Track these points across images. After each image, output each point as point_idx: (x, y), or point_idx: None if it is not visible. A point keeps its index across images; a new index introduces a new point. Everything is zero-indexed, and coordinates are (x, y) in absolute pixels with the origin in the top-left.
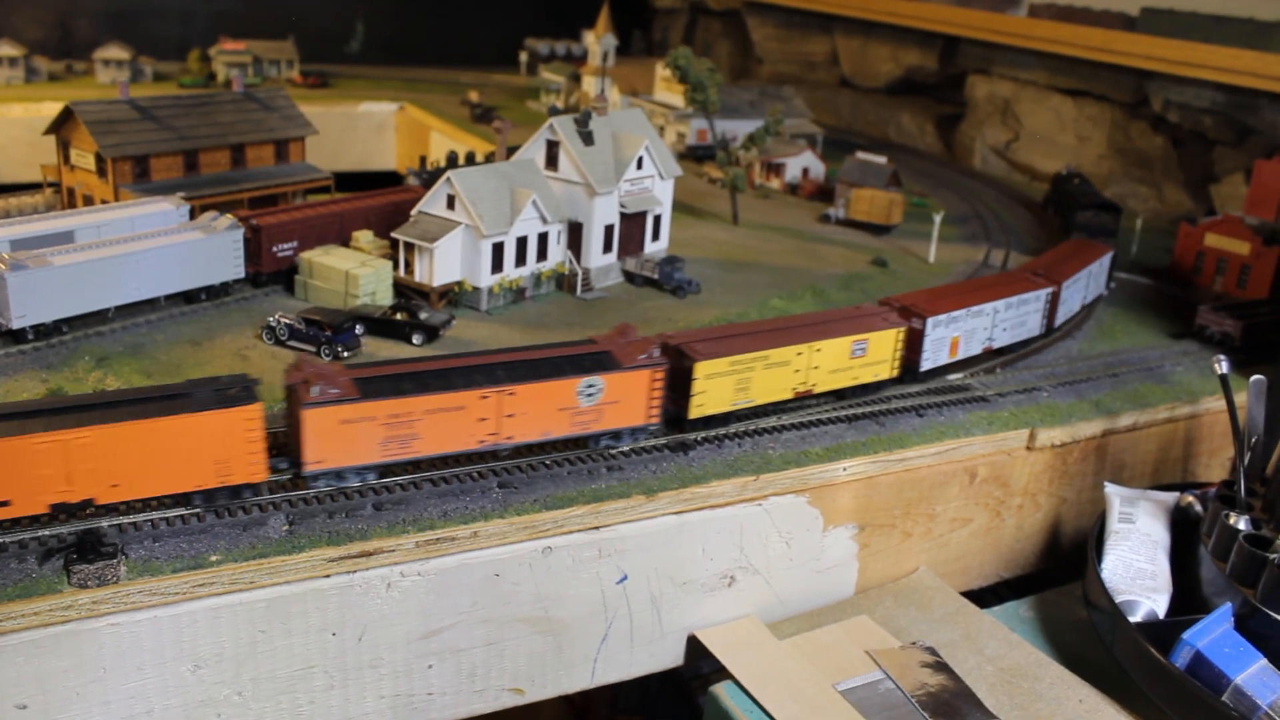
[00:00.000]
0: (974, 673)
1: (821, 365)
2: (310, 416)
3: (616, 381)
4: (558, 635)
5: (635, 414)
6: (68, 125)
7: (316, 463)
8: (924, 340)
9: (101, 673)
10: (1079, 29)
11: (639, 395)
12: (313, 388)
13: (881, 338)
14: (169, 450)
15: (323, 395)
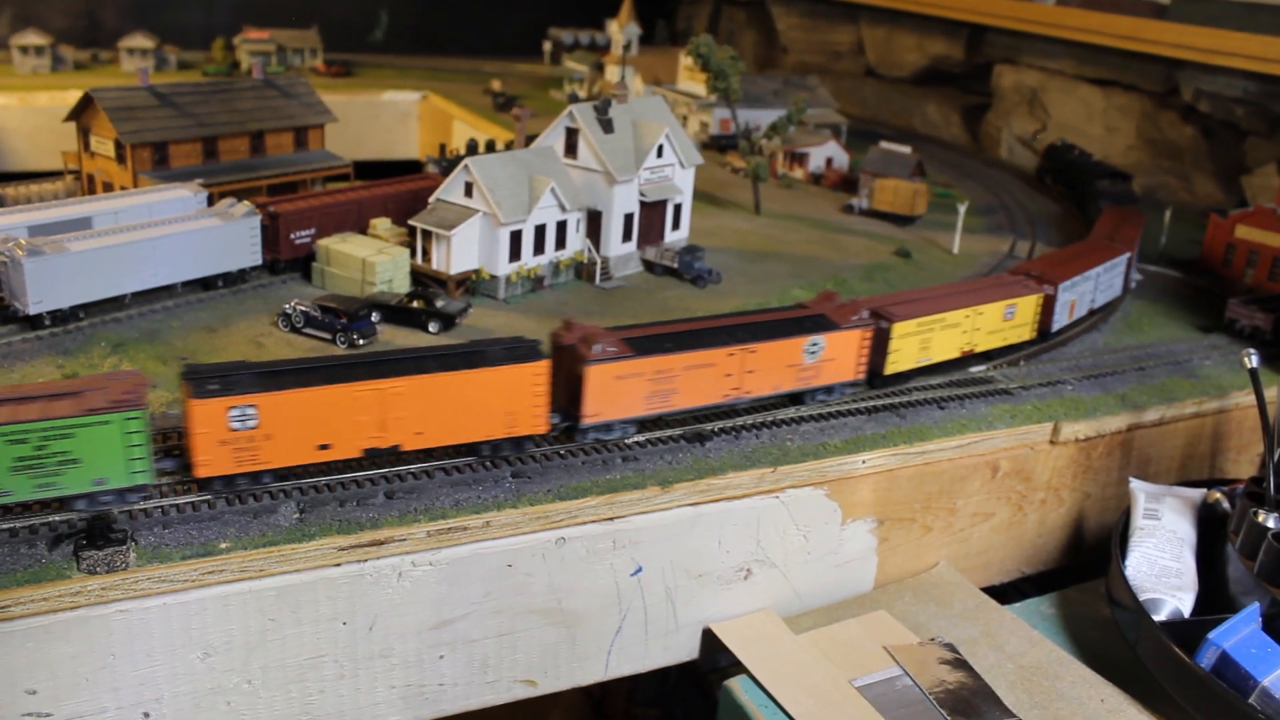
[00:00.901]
0: (993, 670)
1: (982, 328)
2: (592, 372)
3: (834, 340)
4: (571, 627)
5: (846, 370)
6: (88, 112)
7: (593, 416)
8: (1055, 304)
9: (111, 659)
10: (1108, 17)
11: (851, 353)
12: (594, 345)
13: (1026, 302)
14: (467, 401)
15: (603, 353)
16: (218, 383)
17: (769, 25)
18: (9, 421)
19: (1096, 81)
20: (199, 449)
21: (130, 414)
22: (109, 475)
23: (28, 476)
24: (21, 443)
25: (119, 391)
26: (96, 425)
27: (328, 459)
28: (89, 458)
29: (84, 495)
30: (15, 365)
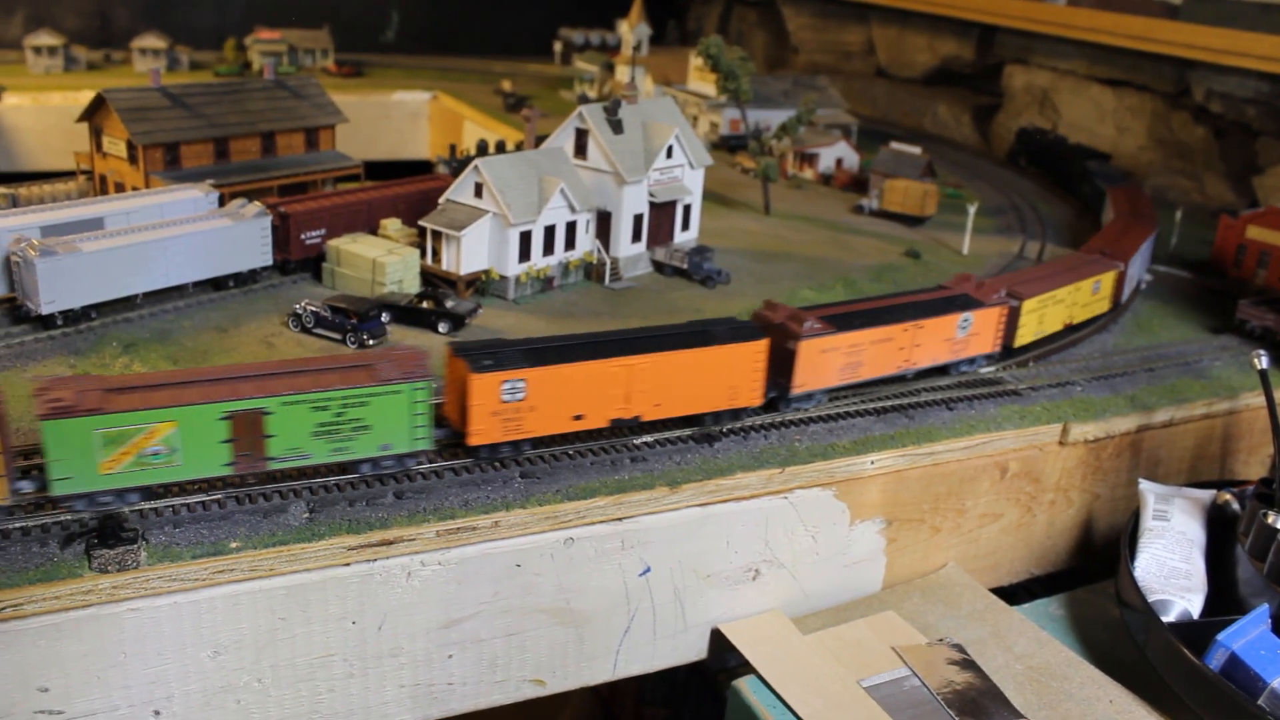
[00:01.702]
0: (1002, 671)
1: (1078, 301)
2: (803, 347)
3: (980, 317)
4: (579, 627)
5: (986, 344)
6: (100, 113)
7: (800, 386)
8: (1125, 279)
9: (122, 657)
10: (1120, 17)
11: (991, 328)
12: (805, 322)
13: (1107, 278)
14: (699, 376)
15: (812, 329)
16: (492, 358)
17: (780, 25)
18: (315, 389)
19: (1108, 82)
20: (474, 419)
21: (417, 385)
22: (394, 441)
23: (326, 441)
24: (324, 409)
25: (409, 365)
26: (389, 394)
27: (580, 429)
28: (379, 424)
29: (369, 459)
30: (28, 365)
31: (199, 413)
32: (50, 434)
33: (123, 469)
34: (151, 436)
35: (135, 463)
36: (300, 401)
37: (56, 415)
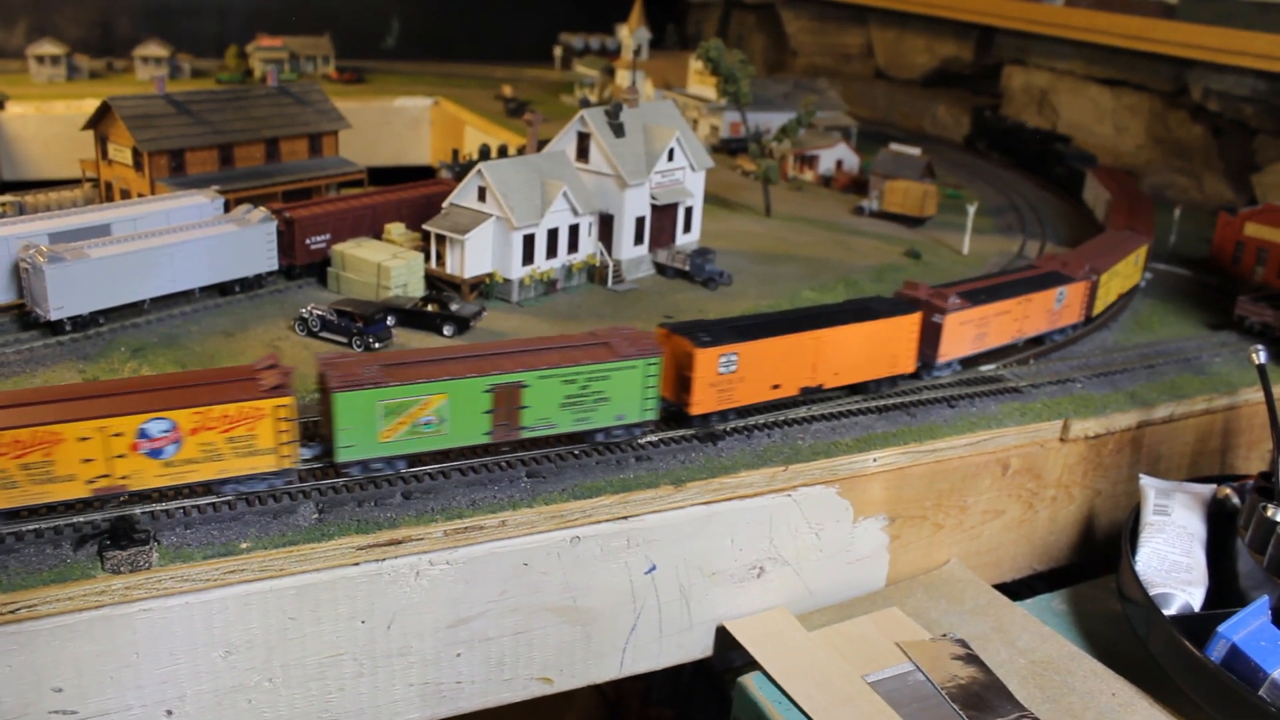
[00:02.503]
0: (1005, 665)
1: (1123, 274)
2: (949, 320)
3: (1071, 290)
4: (586, 625)
5: (1074, 315)
6: (105, 120)
7: (944, 356)
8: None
9: (135, 657)
10: (1117, 18)
11: (1078, 301)
12: (949, 298)
13: (1140, 252)
14: (869, 347)
15: (955, 304)
16: (709, 334)
17: (778, 28)
18: (565, 365)
19: (1106, 81)
20: (696, 390)
21: (651, 360)
22: (627, 412)
23: (571, 411)
24: (572, 383)
25: (642, 342)
26: (626, 369)
27: (775, 397)
28: (616, 397)
29: (604, 429)
30: (37, 370)
31: (468, 385)
32: (341, 405)
33: (398, 437)
34: (426, 407)
35: (410, 431)
36: (553, 375)
37: (348, 388)
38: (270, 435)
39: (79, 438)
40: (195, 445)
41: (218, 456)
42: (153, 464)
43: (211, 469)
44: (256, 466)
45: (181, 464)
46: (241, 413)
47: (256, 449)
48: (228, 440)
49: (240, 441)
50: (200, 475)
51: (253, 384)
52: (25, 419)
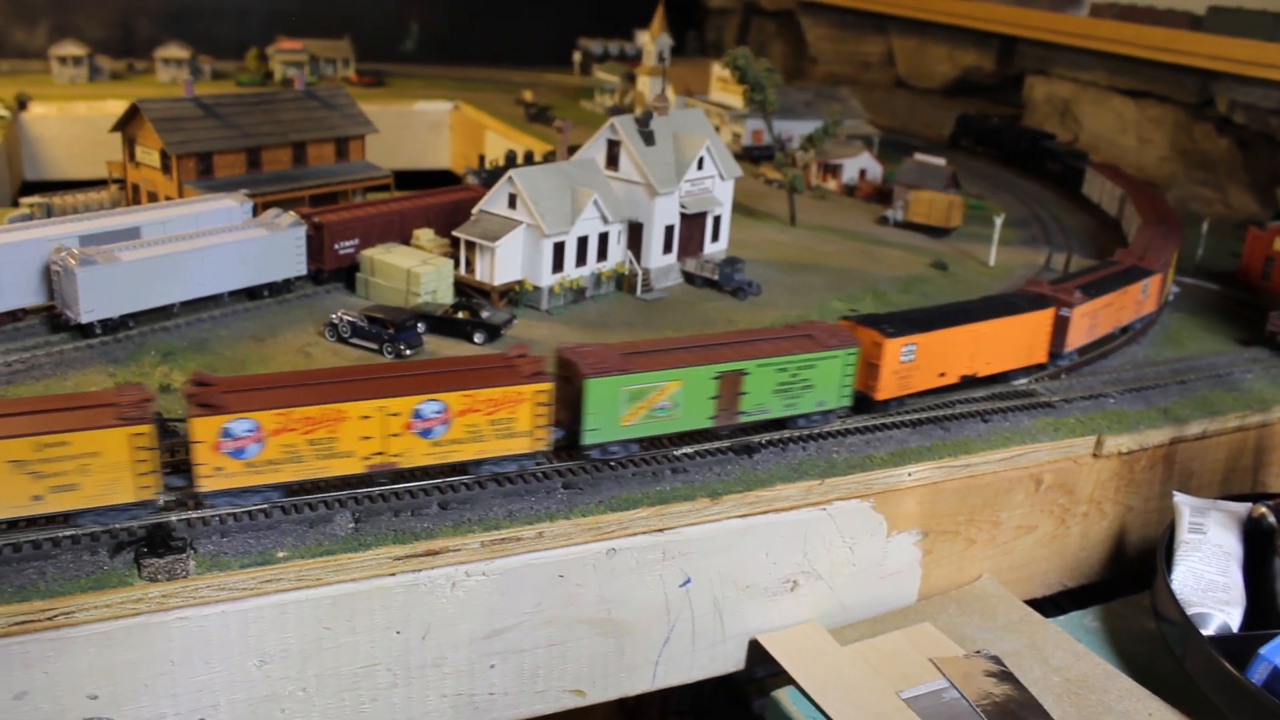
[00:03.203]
0: (1040, 683)
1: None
2: (1076, 313)
3: (1151, 282)
4: (620, 637)
5: (1152, 304)
6: (134, 123)
7: (1070, 345)
8: None
9: (170, 666)
10: (1142, 29)
11: (1155, 291)
12: (1074, 292)
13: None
14: (1012, 338)
15: (1080, 298)
16: (893, 326)
17: (798, 36)
18: (780, 354)
19: (1129, 93)
20: (883, 377)
21: (850, 350)
22: (827, 398)
23: (780, 397)
24: (784, 371)
25: (841, 334)
26: (829, 358)
27: (940, 384)
28: (819, 384)
29: (805, 414)
30: (68, 374)
31: (700, 373)
32: (592, 390)
33: (637, 421)
34: (662, 393)
35: (647, 416)
36: (770, 364)
37: (599, 374)
38: (528, 418)
39: (361, 416)
40: (462, 426)
41: (479, 437)
42: (422, 443)
43: (473, 449)
44: (512, 448)
45: (447, 444)
46: (505, 396)
47: (514, 431)
48: (490, 422)
49: (501, 424)
50: (462, 455)
51: (513, 370)
52: (315, 397)
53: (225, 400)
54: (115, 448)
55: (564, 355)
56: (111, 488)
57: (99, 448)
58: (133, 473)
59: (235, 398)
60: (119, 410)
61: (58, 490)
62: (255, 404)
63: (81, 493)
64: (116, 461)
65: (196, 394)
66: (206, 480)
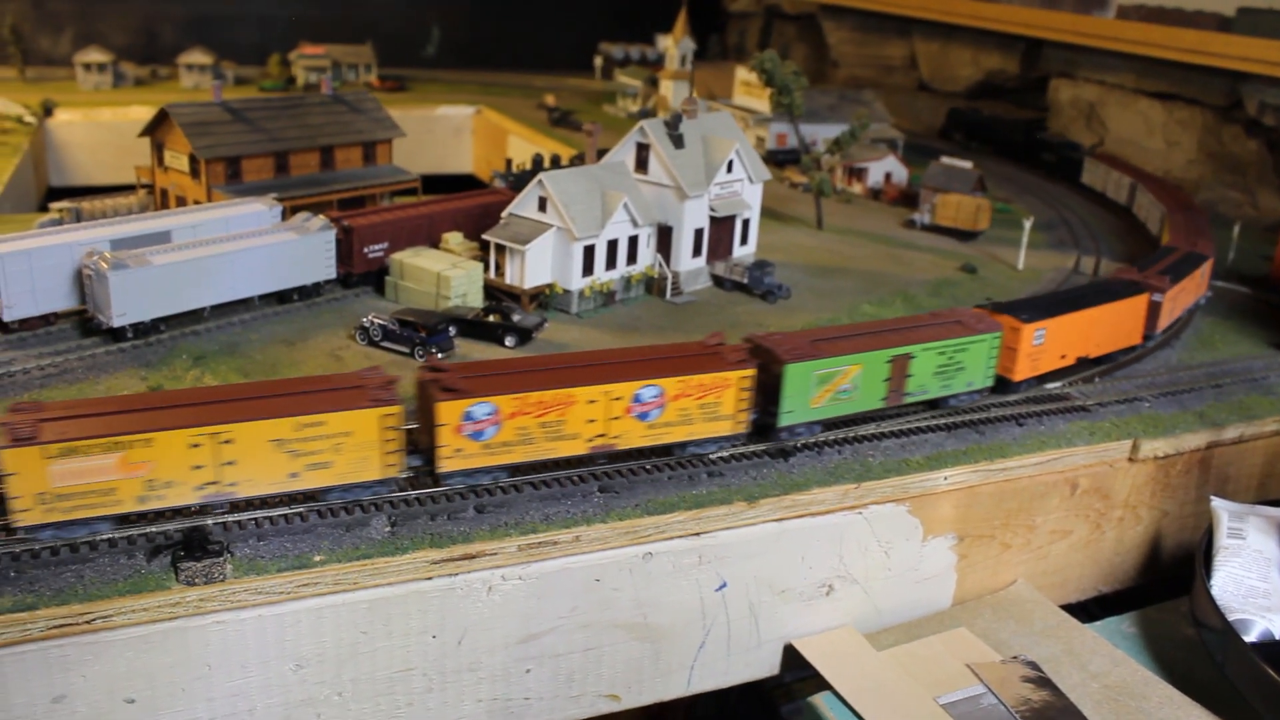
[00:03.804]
0: (1078, 689)
1: None
2: (1166, 299)
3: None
4: (655, 642)
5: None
6: (162, 127)
7: (1160, 328)
8: None
9: (206, 670)
10: (1171, 30)
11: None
12: (1165, 277)
13: None
14: (1113, 323)
15: (1168, 285)
16: (1026, 312)
17: (819, 40)
18: (941, 338)
19: (1157, 95)
20: (1021, 359)
21: (996, 334)
22: (975, 379)
23: (938, 379)
24: (943, 354)
25: (986, 320)
26: (978, 343)
27: (1060, 366)
28: (970, 366)
29: (957, 394)
30: (100, 378)
31: (877, 357)
32: (790, 375)
33: (823, 404)
34: (845, 376)
35: (832, 399)
36: (932, 348)
37: (797, 359)
38: (732, 403)
39: (588, 400)
40: (674, 410)
41: (689, 420)
42: (639, 426)
43: (682, 432)
44: (716, 431)
45: (660, 427)
46: (714, 382)
47: (719, 415)
48: (699, 406)
49: (708, 408)
50: (671, 437)
51: (720, 357)
52: (548, 382)
53: (468, 385)
54: (366, 428)
55: (758, 342)
56: (361, 466)
57: (352, 428)
58: (380, 451)
59: (477, 382)
60: (369, 393)
61: (313, 468)
62: (495, 388)
63: (333, 470)
64: (367, 441)
65: (439, 379)
66: (447, 461)
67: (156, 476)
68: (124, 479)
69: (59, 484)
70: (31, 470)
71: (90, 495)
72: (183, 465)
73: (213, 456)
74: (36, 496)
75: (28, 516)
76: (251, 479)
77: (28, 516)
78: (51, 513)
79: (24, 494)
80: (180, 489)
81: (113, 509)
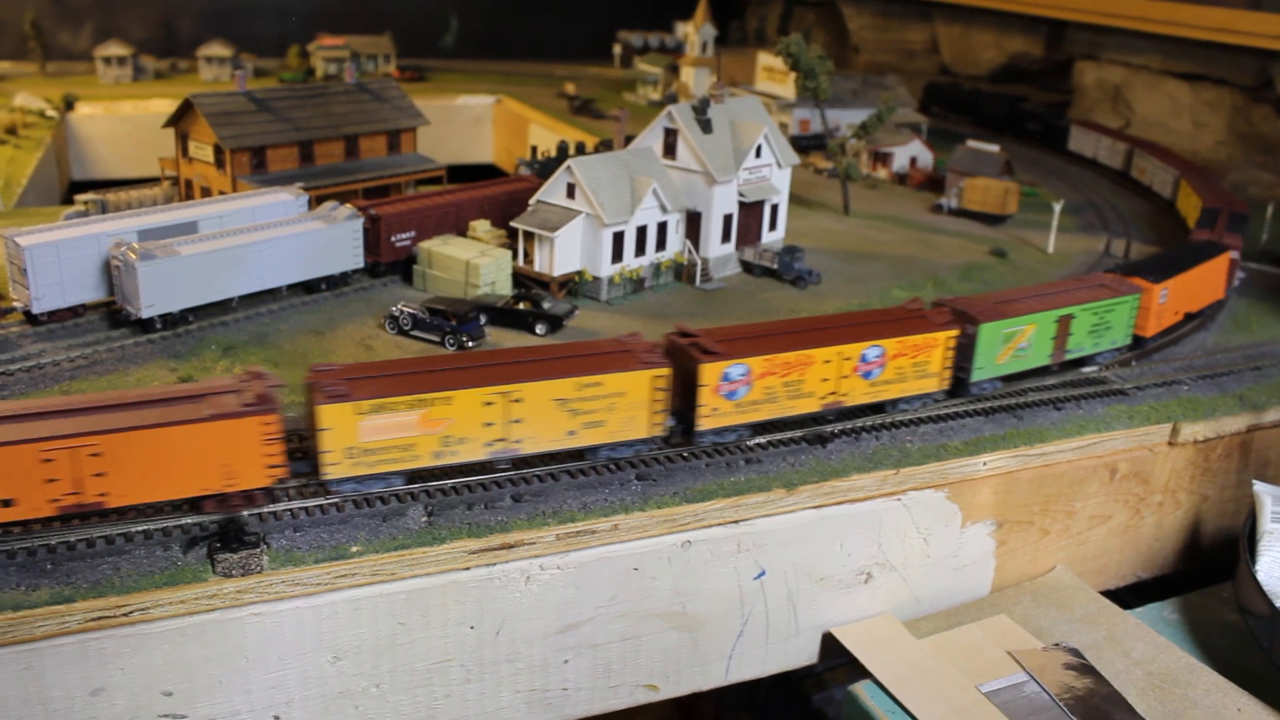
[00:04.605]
0: (1121, 676)
1: None
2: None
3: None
4: (694, 631)
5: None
6: (187, 118)
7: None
8: None
9: (244, 662)
10: (1199, 9)
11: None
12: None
13: None
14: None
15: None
16: (1151, 275)
17: (839, 25)
18: (1097, 299)
19: (1184, 76)
20: (1151, 318)
21: (1136, 295)
22: (1118, 338)
23: (1091, 338)
24: (1095, 315)
25: (1125, 283)
26: (1120, 304)
27: (1174, 323)
28: (1115, 326)
29: (1103, 351)
30: (129, 369)
31: (1047, 317)
32: (984, 333)
33: (1006, 360)
34: (1024, 335)
35: (1012, 356)
36: (1088, 308)
37: (991, 318)
38: (939, 361)
39: (824, 360)
40: (893, 368)
41: (903, 378)
42: (863, 384)
43: (895, 389)
44: (925, 388)
45: (880, 384)
46: (926, 342)
47: (927, 373)
48: (913, 365)
49: (919, 366)
50: (888, 394)
51: (927, 320)
52: (792, 344)
53: (725, 348)
54: (639, 388)
55: (958, 306)
56: (630, 424)
57: (626, 388)
58: (649, 411)
59: (733, 345)
60: (638, 356)
61: (589, 426)
62: (748, 350)
63: (605, 429)
64: (638, 401)
65: (696, 343)
66: (706, 420)
67: (452, 433)
68: (423, 435)
69: (366, 439)
70: (344, 426)
71: (392, 450)
72: (476, 422)
73: (503, 414)
74: (345, 451)
75: (336, 470)
76: (534, 436)
77: (336, 470)
78: (357, 466)
79: (335, 448)
80: (471, 445)
81: (410, 464)
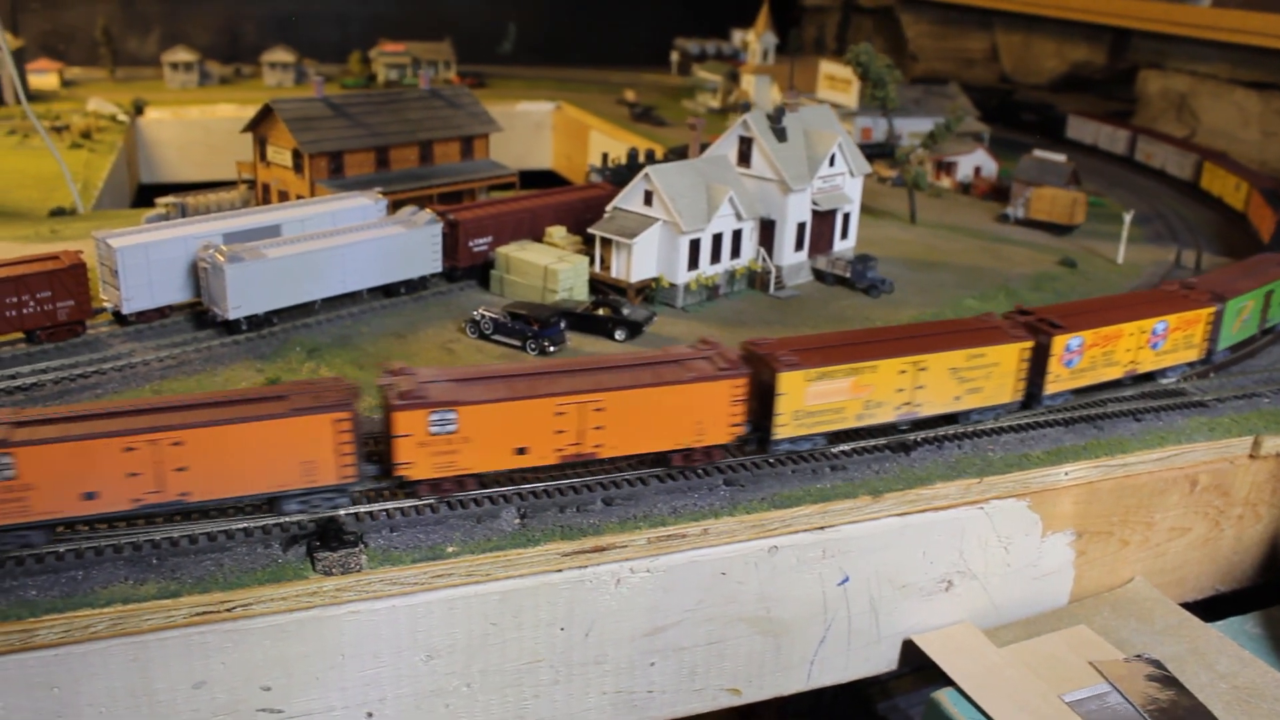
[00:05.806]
0: (1206, 690)
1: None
2: None
3: None
4: (777, 636)
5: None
6: (265, 123)
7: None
8: None
9: (340, 659)
10: (1270, 17)
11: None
12: None
13: None
14: None
15: None
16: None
17: (896, 33)
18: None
19: (1253, 85)
20: None
21: None
22: (1273, 317)
23: (1255, 320)
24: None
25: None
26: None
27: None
28: (1274, 306)
29: (1265, 330)
30: (217, 369)
31: (1260, 293)
32: (1229, 309)
33: (1236, 331)
34: (1247, 310)
35: (1240, 327)
36: (1248, 297)
37: (1233, 295)
38: (1200, 334)
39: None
40: (1170, 340)
41: (1172, 350)
42: (1151, 354)
43: (1169, 358)
44: (1186, 358)
45: (1163, 353)
46: (1191, 319)
47: (1191, 344)
48: (1183, 337)
49: (1183, 339)
50: (1163, 363)
51: (1185, 299)
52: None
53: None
54: (1009, 359)
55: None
56: (999, 391)
57: (1001, 359)
58: (1015, 379)
59: (1071, 320)
60: (1007, 333)
61: (970, 392)
62: (1082, 325)
63: (981, 394)
64: (1008, 370)
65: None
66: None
67: (873, 398)
68: (851, 399)
69: (810, 403)
70: (796, 391)
71: (826, 413)
72: (891, 388)
73: (912, 381)
74: (794, 414)
75: (784, 430)
76: (930, 400)
77: (784, 430)
78: (800, 427)
79: (786, 412)
80: (884, 409)
81: (837, 425)
